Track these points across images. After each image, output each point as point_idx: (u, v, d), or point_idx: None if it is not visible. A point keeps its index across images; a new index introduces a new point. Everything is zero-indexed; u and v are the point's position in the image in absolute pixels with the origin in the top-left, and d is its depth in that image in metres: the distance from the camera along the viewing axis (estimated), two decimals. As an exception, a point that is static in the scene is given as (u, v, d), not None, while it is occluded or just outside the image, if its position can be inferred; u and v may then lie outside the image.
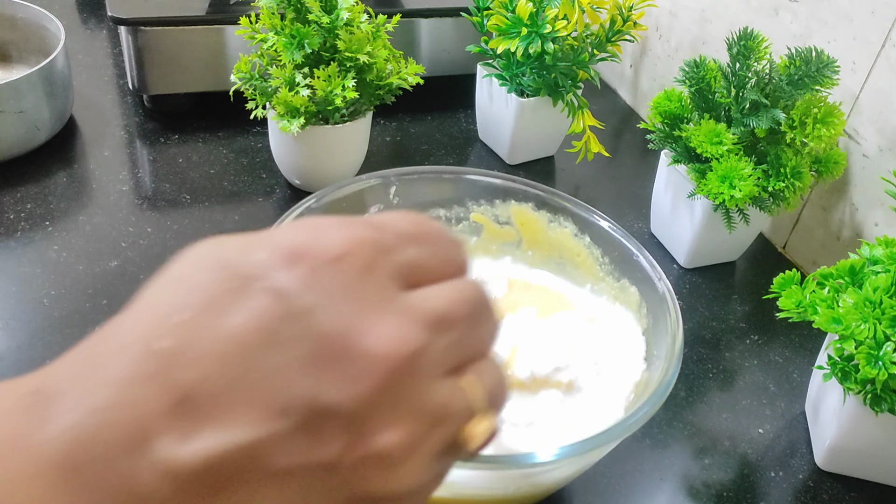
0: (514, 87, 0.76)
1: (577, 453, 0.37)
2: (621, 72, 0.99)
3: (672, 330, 0.44)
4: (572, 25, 0.71)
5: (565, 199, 0.54)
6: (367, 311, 0.23)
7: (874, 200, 0.65)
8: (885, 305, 0.46)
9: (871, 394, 0.47)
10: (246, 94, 0.66)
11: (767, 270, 0.72)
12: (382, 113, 0.85)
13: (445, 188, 0.56)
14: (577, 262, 0.55)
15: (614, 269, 0.52)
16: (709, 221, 0.66)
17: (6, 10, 0.78)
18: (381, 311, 0.23)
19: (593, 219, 0.53)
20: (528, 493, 0.43)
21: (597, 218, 0.53)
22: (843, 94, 0.66)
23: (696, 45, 0.85)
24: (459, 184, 0.56)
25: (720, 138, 0.61)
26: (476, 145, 0.84)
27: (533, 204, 0.55)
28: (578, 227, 0.54)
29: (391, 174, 0.53)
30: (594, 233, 0.53)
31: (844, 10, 0.65)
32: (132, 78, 0.77)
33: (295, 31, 0.63)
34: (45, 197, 0.67)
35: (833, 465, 0.53)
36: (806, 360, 0.62)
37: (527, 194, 0.55)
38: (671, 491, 0.51)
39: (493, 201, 0.56)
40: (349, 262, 0.24)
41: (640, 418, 0.38)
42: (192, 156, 0.75)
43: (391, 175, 0.53)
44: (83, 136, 0.77)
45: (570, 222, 0.54)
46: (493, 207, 0.56)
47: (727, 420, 0.56)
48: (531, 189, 0.55)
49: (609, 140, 0.88)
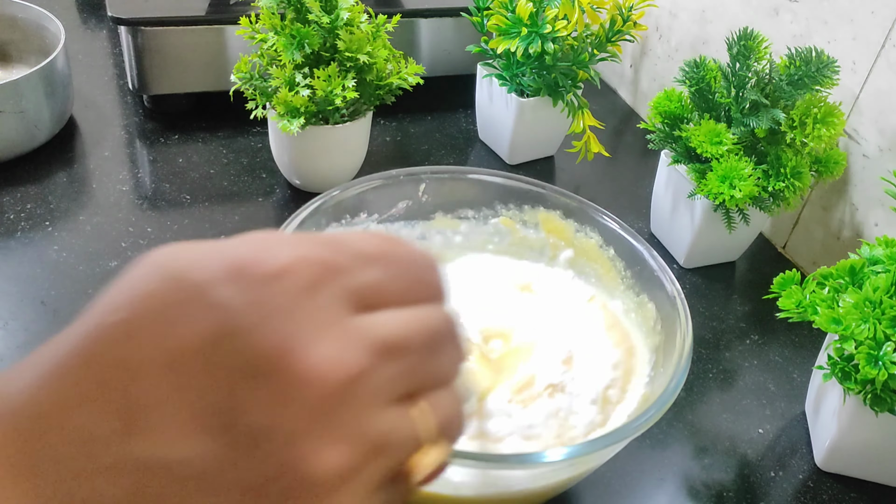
0: (514, 87, 0.76)
1: (585, 453, 0.37)
2: (621, 72, 0.99)
3: (682, 333, 0.44)
4: (572, 25, 0.71)
5: (594, 210, 0.54)
6: (307, 332, 0.22)
7: (874, 200, 0.65)
8: (885, 305, 0.46)
9: (871, 394, 0.47)
10: (246, 94, 0.66)
11: (767, 270, 0.72)
12: (382, 113, 0.85)
13: (474, 189, 0.56)
14: (600, 273, 0.55)
15: (635, 283, 0.52)
16: (709, 221, 0.66)
17: (6, 10, 0.78)
18: (323, 333, 0.22)
19: (619, 231, 0.53)
20: (533, 494, 0.43)
21: (622, 231, 0.52)
22: (843, 94, 0.66)
23: (696, 45, 0.85)
24: (489, 186, 0.56)
25: (720, 138, 0.61)
26: (476, 145, 0.84)
27: (561, 212, 0.55)
28: (604, 239, 0.54)
29: (421, 172, 0.54)
30: (619, 246, 0.53)
31: (844, 10, 0.65)
32: (132, 78, 0.77)
33: (295, 31, 0.63)
34: (45, 197, 0.67)
35: (833, 465, 0.53)
36: (806, 360, 0.62)
37: (556, 202, 0.55)
38: (671, 491, 0.51)
39: (522, 206, 0.56)
40: (291, 281, 0.23)
41: (649, 419, 0.38)
42: (192, 156, 0.75)
43: (421, 173, 0.53)
44: (83, 136, 0.77)
45: (597, 233, 0.54)
46: (521, 212, 0.56)
47: (727, 420, 0.56)
48: (561, 197, 0.55)
49: (609, 140, 0.88)
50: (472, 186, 0.56)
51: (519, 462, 0.37)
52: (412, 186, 0.54)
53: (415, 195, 0.54)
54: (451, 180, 0.55)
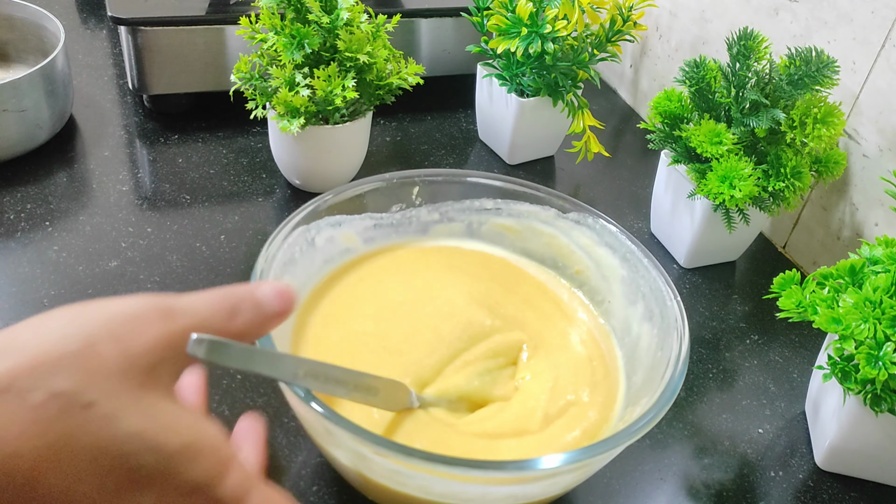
0: (514, 87, 0.76)
1: (582, 459, 0.37)
2: (621, 72, 0.99)
3: (679, 335, 0.44)
4: (572, 25, 0.71)
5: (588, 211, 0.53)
6: None
7: (874, 200, 0.65)
8: (885, 305, 0.46)
9: (871, 394, 0.47)
10: (246, 94, 0.66)
11: (767, 270, 0.72)
12: (382, 113, 0.85)
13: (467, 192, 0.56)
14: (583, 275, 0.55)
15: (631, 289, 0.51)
16: (709, 221, 0.66)
17: (5, 10, 0.78)
18: None
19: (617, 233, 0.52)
20: (529, 501, 0.43)
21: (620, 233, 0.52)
22: (843, 94, 0.66)
23: (696, 45, 0.85)
24: (483, 189, 0.55)
25: (720, 138, 0.61)
26: (476, 145, 0.84)
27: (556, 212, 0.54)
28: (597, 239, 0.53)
29: (415, 175, 0.54)
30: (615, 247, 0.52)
31: (844, 10, 0.65)
32: (132, 78, 0.77)
33: (295, 31, 0.63)
34: (45, 197, 0.67)
35: (833, 465, 0.53)
36: (806, 360, 0.62)
37: (552, 203, 0.54)
38: (671, 491, 0.51)
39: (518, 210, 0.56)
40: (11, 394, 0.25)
41: (647, 423, 0.38)
42: (192, 156, 0.75)
43: (415, 176, 0.54)
44: (83, 136, 0.77)
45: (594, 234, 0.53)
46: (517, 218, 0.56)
47: (727, 420, 0.56)
48: (556, 199, 0.54)
49: (609, 140, 0.88)
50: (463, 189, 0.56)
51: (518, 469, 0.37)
52: (406, 190, 0.54)
53: (408, 198, 0.54)
54: (445, 183, 0.55)
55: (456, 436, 0.42)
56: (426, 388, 0.45)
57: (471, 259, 0.56)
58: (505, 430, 0.43)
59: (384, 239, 0.55)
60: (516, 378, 0.48)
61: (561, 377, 0.47)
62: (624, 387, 0.48)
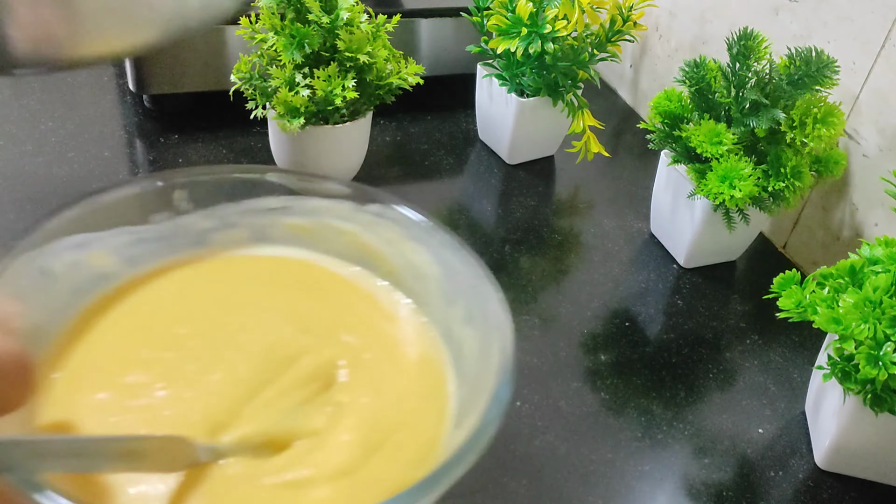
0: (514, 87, 0.76)
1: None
2: (621, 72, 0.99)
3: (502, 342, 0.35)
4: (572, 25, 0.71)
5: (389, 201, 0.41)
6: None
7: (874, 200, 0.65)
8: (885, 305, 0.46)
9: (871, 394, 0.47)
10: (246, 94, 0.66)
11: (767, 270, 0.71)
12: (382, 113, 0.85)
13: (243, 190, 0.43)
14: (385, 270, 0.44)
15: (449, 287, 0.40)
16: (709, 221, 0.66)
17: (6, 10, 0.78)
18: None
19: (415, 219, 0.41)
20: None
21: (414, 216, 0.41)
22: (843, 94, 0.66)
23: (696, 45, 0.85)
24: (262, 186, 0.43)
25: (720, 138, 0.61)
26: (476, 145, 0.84)
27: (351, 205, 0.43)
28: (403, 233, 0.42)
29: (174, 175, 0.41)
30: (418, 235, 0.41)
31: (844, 10, 0.65)
32: (132, 78, 0.77)
33: (295, 31, 0.63)
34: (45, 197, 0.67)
35: (833, 465, 0.53)
36: (806, 360, 0.62)
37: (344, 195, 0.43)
38: (671, 491, 0.51)
39: None
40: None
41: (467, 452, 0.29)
42: (192, 156, 0.75)
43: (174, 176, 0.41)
44: (83, 136, 0.77)
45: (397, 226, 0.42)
46: None
47: (727, 420, 0.56)
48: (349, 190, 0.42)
49: (609, 140, 0.88)
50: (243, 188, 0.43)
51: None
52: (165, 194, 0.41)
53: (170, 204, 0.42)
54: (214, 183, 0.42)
55: (255, 492, 0.34)
56: (223, 435, 0.36)
57: (265, 267, 0.45)
58: (316, 475, 0.35)
59: (152, 257, 0.43)
60: (332, 404, 0.38)
61: (384, 395, 0.38)
62: (455, 398, 0.39)
